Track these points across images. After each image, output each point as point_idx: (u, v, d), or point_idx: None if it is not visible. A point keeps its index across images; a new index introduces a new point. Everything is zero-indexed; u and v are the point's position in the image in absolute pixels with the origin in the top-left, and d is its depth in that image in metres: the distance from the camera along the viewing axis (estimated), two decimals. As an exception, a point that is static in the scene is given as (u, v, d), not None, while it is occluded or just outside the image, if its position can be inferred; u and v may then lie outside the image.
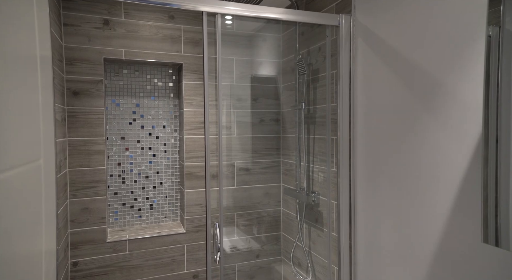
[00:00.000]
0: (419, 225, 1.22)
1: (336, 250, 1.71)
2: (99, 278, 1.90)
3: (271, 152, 2.34)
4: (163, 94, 2.26)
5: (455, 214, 1.08)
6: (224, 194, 2.24)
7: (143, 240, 2.01)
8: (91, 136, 1.89)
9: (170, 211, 2.28)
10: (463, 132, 1.04)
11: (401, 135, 1.30)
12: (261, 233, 2.31)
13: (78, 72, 1.85)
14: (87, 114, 1.88)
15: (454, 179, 1.08)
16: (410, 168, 1.26)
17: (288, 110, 2.25)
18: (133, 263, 1.98)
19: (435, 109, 1.15)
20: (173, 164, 2.28)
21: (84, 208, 1.88)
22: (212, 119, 2.20)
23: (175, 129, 2.29)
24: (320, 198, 1.86)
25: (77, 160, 1.86)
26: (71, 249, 1.85)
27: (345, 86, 1.59)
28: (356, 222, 1.58)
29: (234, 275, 2.24)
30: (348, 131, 1.60)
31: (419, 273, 1.22)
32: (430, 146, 1.17)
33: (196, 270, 2.13)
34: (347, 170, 1.61)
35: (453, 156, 1.08)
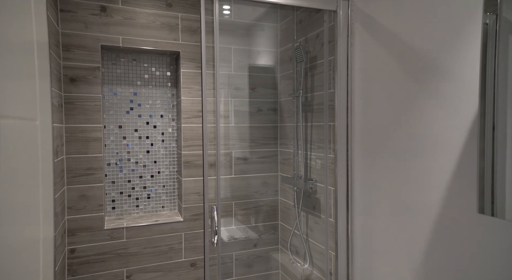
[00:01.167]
0: (416, 207, 1.23)
1: (333, 236, 1.71)
2: (96, 265, 1.90)
3: (269, 141, 2.34)
4: (160, 84, 2.25)
5: (451, 192, 1.08)
6: (222, 183, 2.24)
7: (140, 228, 2.01)
8: (89, 124, 1.89)
9: (168, 201, 2.28)
10: (459, 111, 1.05)
11: (398, 118, 1.31)
12: (258, 222, 2.32)
13: (75, 58, 1.85)
14: (84, 101, 1.87)
15: (450, 157, 1.08)
16: (407, 150, 1.27)
17: (286, 99, 2.25)
18: (131, 251, 1.98)
19: (432, 90, 1.15)
20: (170, 154, 2.28)
21: (81, 195, 1.87)
22: (209, 108, 2.19)
23: (172, 119, 2.29)
24: (317, 185, 1.86)
25: (74, 147, 1.86)
26: (69, 236, 1.85)
27: (342, 72, 1.60)
28: (353, 207, 1.58)
29: (231, 263, 2.25)
30: (346, 117, 1.60)
31: (416, 254, 1.23)
32: (427, 126, 1.17)
33: (193, 258, 2.14)
34: (344, 156, 1.61)
35: (449, 135, 1.09)
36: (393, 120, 1.33)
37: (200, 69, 2.17)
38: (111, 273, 1.94)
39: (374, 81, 1.43)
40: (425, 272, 1.19)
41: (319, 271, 1.86)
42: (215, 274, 2.20)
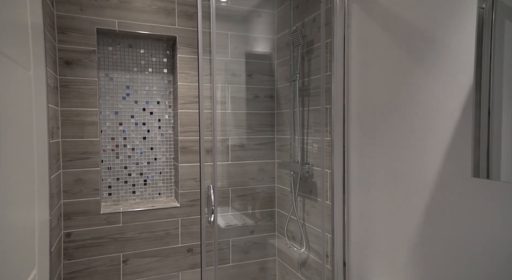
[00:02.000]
0: (412, 185, 1.24)
1: (329, 219, 1.72)
2: (92, 249, 1.90)
3: (266, 128, 2.34)
4: (157, 70, 2.24)
5: (447, 164, 1.09)
6: (218, 169, 2.24)
7: (137, 213, 2.01)
8: (84, 107, 1.88)
9: (164, 187, 2.27)
10: (455, 84, 1.05)
11: (395, 97, 1.31)
12: (255, 209, 2.32)
13: (70, 41, 1.83)
14: (79, 85, 1.86)
15: (446, 131, 1.09)
16: (404, 128, 1.27)
17: (283, 85, 2.25)
18: (127, 236, 1.98)
19: (429, 67, 1.16)
20: (167, 140, 2.27)
21: (77, 179, 1.86)
22: (206, 94, 2.19)
23: (169, 105, 2.28)
24: (314, 169, 1.86)
25: (70, 131, 1.85)
26: (64, 219, 1.84)
27: (339, 53, 1.59)
28: (350, 189, 1.59)
29: (228, 249, 2.25)
30: (342, 99, 1.60)
31: (413, 232, 1.24)
32: (424, 103, 1.18)
33: (190, 244, 2.14)
34: (341, 138, 1.61)
35: (445, 109, 1.09)
36: (390, 99, 1.33)
37: (196, 54, 2.16)
38: (108, 257, 1.93)
39: (371, 61, 1.43)
40: (421, 249, 1.20)
41: (316, 254, 1.86)
42: (212, 260, 2.21)
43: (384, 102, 1.36)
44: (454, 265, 1.07)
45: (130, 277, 1.98)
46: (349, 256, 1.59)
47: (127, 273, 1.98)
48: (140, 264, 2.01)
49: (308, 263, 1.95)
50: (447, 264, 1.09)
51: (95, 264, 1.90)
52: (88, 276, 1.89)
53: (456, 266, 1.06)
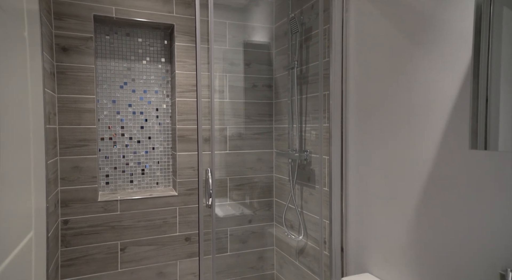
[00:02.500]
0: (409, 166, 1.24)
1: (327, 205, 1.72)
2: (90, 237, 1.89)
3: (264, 118, 2.34)
4: (154, 59, 2.23)
5: (445, 139, 1.09)
6: (216, 159, 2.23)
7: (134, 201, 2.00)
8: (81, 94, 1.87)
9: (162, 177, 2.27)
10: (453, 61, 1.05)
11: (394, 80, 1.31)
12: (253, 198, 2.32)
13: (67, 28, 1.82)
14: (76, 72, 1.85)
15: (444, 109, 1.09)
16: (402, 111, 1.27)
17: (281, 75, 2.24)
18: (125, 224, 1.98)
19: (427, 47, 1.15)
20: (165, 130, 2.27)
21: (74, 167, 1.86)
22: (204, 82, 2.18)
23: (167, 95, 2.27)
24: (312, 157, 1.86)
25: (67, 118, 1.84)
26: (62, 207, 1.83)
27: (337, 39, 1.59)
28: (348, 174, 1.59)
29: (226, 239, 2.25)
30: (340, 84, 1.60)
31: (410, 215, 1.24)
32: (422, 81, 1.18)
33: (188, 232, 2.13)
34: (339, 123, 1.61)
35: (444, 87, 1.09)
36: (389, 82, 1.33)
37: (194, 43, 2.15)
38: (105, 245, 1.93)
39: (369, 45, 1.43)
40: (419, 230, 1.20)
41: (314, 241, 1.86)
42: (210, 249, 2.21)
43: (382, 86, 1.36)
44: (452, 243, 1.07)
45: (128, 265, 1.98)
46: (347, 242, 1.60)
47: (124, 261, 1.97)
48: (137, 252, 2.00)
49: (306, 251, 1.95)
50: (445, 245, 1.09)
51: (92, 252, 1.90)
52: (85, 263, 1.88)
53: (455, 244, 1.06)
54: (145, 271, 2.02)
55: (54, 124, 1.73)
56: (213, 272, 2.25)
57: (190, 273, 2.14)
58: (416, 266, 1.20)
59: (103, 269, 1.92)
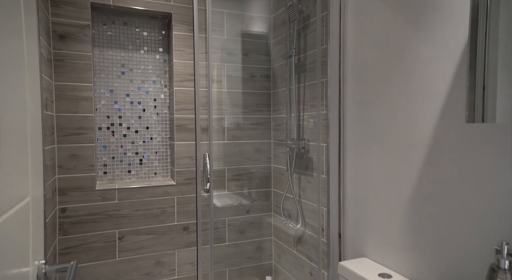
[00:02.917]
0: (406, 148, 1.24)
1: (325, 192, 1.72)
2: (88, 225, 1.89)
3: (262, 108, 2.34)
4: (152, 49, 2.23)
5: (442, 115, 1.09)
6: (214, 149, 2.23)
7: (132, 190, 2.00)
8: (79, 82, 1.86)
9: (160, 167, 2.26)
10: (450, 42, 1.05)
11: (392, 62, 1.31)
12: (251, 188, 2.32)
13: (64, 15, 1.81)
14: (74, 59, 1.84)
15: (441, 90, 1.09)
16: (399, 93, 1.27)
17: (279, 64, 2.24)
18: (123, 212, 1.97)
19: (426, 25, 1.16)
20: (163, 120, 2.26)
21: (72, 155, 1.85)
22: (202, 72, 2.18)
23: (165, 85, 2.27)
24: (310, 145, 1.87)
25: (64, 105, 1.83)
26: (59, 195, 1.83)
27: (335, 25, 1.59)
28: (345, 160, 1.59)
29: (224, 229, 2.25)
30: (338, 70, 1.60)
31: (406, 196, 1.24)
32: (421, 64, 1.18)
33: (186, 222, 2.13)
34: (336, 109, 1.61)
35: (441, 69, 1.09)
36: (387, 65, 1.33)
37: (192, 32, 2.14)
38: (103, 234, 1.93)
39: (367, 30, 1.43)
40: (416, 213, 1.20)
41: (312, 229, 1.87)
42: (208, 238, 2.21)
43: (380, 69, 1.36)
44: (449, 224, 1.07)
45: (126, 254, 1.98)
46: (344, 228, 1.60)
47: (122, 250, 1.97)
48: (136, 241, 2.00)
49: (304, 239, 1.96)
50: (442, 226, 1.10)
51: (90, 240, 1.90)
52: (83, 251, 1.88)
53: (451, 225, 1.06)
54: (143, 260, 2.02)
55: (51, 111, 1.73)
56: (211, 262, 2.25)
57: (188, 263, 2.14)
58: (414, 248, 1.20)
59: (101, 258, 1.92)
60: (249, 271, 2.31)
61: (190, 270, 2.14)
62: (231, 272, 2.27)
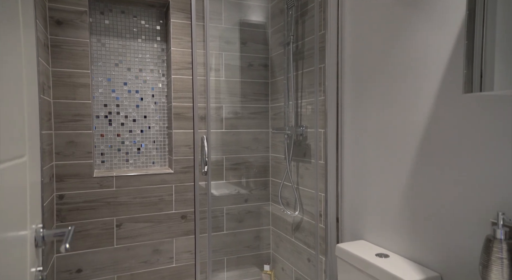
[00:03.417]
0: (404, 131, 1.24)
1: (323, 178, 1.73)
2: (85, 212, 1.89)
3: (260, 97, 2.33)
4: (150, 37, 2.22)
5: (440, 95, 1.10)
6: (212, 137, 2.23)
7: (130, 178, 2.00)
8: (76, 69, 1.85)
9: (158, 156, 2.26)
10: (449, 16, 1.06)
11: (389, 45, 1.31)
12: (249, 177, 2.32)
13: (61, 0, 1.80)
14: (71, 46, 1.84)
15: (438, 67, 1.09)
16: (397, 75, 1.27)
17: (277, 53, 2.24)
18: (121, 200, 1.97)
19: (425, 8, 1.16)
20: (161, 109, 2.26)
21: (69, 141, 1.85)
22: (200, 60, 2.17)
23: (162, 74, 2.26)
24: (308, 132, 1.87)
25: (62, 92, 1.82)
26: (57, 181, 1.82)
27: (333, 10, 1.59)
28: (343, 144, 1.59)
29: (222, 217, 2.26)
30: (336, 55, 1.60)
31: (403, 179, 1.25)
32: (418, 45, 1.18)
33: (184, 210, 2.13)
34: (334, 95, 1.61)
35: (438, 50, 1.09)
36: (384, 49, 1.33)
37: (190, 20, 2.14)
38: (101, 221, 1.92)
39: (364, 15, 1.43)
40: (413, 194, 1.21)
41: (310, 215, 1.87)
42: (206, 227, 2.21)
43: (378, 53, 1.36)
44: (446, 201, 1.08)
45: (124, 242, 1.98)
46: (342, 213, 1.61)
47: (120, 237, 1.97)
48: (134, 229, 2.00)
49: (302, 226, 1.96)
50: (439, 203, 1.10)
51: (88, 227, 1.89)
52: (81, 238, 1.88)
53: (448, 202, 1.07)
54: (141, 247, 2.02)
55: (48, 97, 1.72)
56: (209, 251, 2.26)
57: (186, 251, 2.14)
58: (410, 229, 1.21)
59: (99, 245, 1.92)
60: (247, 260, 2.32)
61: (188, 259, 2.15)
62: (229, 260, 2.27)
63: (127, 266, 1.99)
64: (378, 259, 1.19)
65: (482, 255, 0.82)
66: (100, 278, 1.93)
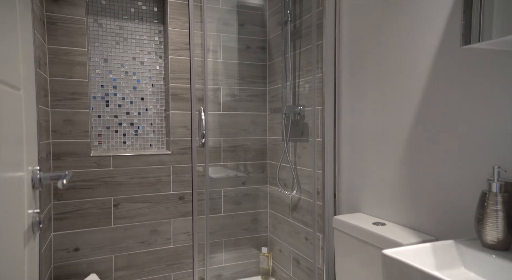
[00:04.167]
0: (401, 101, 1.24)
1: (321, 155, 1.73)
2: (83, 191, 1.88)
3: (258, 79, 2.33)
4: (147, 19, 2.21)
5: (439, 54, 1.10)
6: (210, 119, 2.23)
7: (127, 158, 1.99)
8: (73, 47, 1.84)
9: (156, 139, 2.26)
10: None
11: (388, 16, 1.31)
12: (247, 160, 2.32)
13: (57, -23, 1.79)
14: (67, 23, 1.82)
15: (439, 25, 1.09)
16: (394, 46, 1.27)
17: (275, 35, 2.23)
18: (118, 180, 1.97)
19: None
20: (158, 91, 2.25)
21: (66, 120, 1.84)
22: (197, 41, 2.17)
23: (160, 56, 2.25)
24: (305, 110, 1.87)
25: (58, 70, 1.81)
26: (54, 160, 1.82)
27: (331, -15, 1.59)
28: (341, 121, 1.60)
29: (220, 200, 2.26)
30: (334, 32, 1.60)
31: (400, 148, 1.25)
32: (415, 12, 1.18)
33: (182, 192, 2.13)
34: (332, 71, 1.61)
35: (435, 19, 1.10)
36: (382, 22, 1.33)
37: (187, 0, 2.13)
38: (99, 200, 1.92)
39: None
40: (409, 163, 1.21)
41: (307, 194, 1.88)
42: (203, 209, 2.21)
43: (375, 24, 1.36)
44: (442, 166, 1.08)
45: (121, 221, 1.98)
46: (339, 188, 1.61)
47: (118, 217, 1.97)
48: (131, 209, 2.00)
49: (299, 206, 1.97)
50: (434, 169, 1.11)
51: (86, 206, 1.89)
52: (79, 217, 1.88)
53: (445, 162, 1.07)
54: (138, 228, 2.02)
55: (44, 73, 1.71)
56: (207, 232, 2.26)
57: (183, 232, 2.15)
58: (407, 198, 1.22)
59: (96, 224, 1.92)
60: (244, 242, 2.32)
61: (185, 240, 2.15)
62: (226, 242, 2.27)
63: (125, 246, 1.99)
64: (375, 226, 1.20)
65: (477, 209, 0.83)
66: (97, 257, 1.93)
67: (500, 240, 0.77)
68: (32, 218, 0.61)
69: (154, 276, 2.06)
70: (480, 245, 0.83)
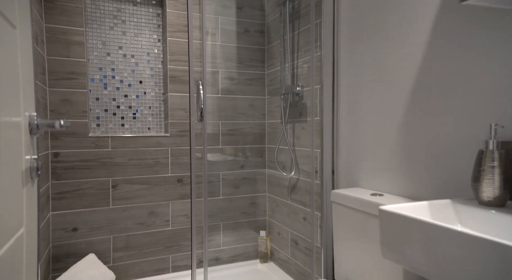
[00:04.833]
0: (399, 72, 1.24)
1: (319, 134, 1.73)
2: (81, 171, 1.88)
3: (256, 63, 2.33)
4: (145, 1, 2.20)
5: (436, 22, 1.10)
6: (208, 101, 2.22)
7: (125, 139, 1.99)
8: (70, 26, 1.83)
9: (154, 122, 2.25)
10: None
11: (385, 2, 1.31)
12: (246, 144, 2.32)
13: (55, -44, 1.78)
14: (65, 2, 1.82)
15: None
16: (392, 13, 1.27)
17: (274, 18, 2.23)
18: (116, 161, 1.97)
19: None
20: (157, 74, 2.25)
21: (64, 99, 1.83)
22: (195, 23, 2.16)
23: (158, 39, 2.25)
24: (304, 91, 1.87)
25: (56, 49, 1.81)
26: (52, 139, 1.81)
27: (330, -38, 1.58)
28: (339, 99, 1.60)
29: (218, 183, 2.26)
30: (332, 9, 1.60)
31: (397, 123, 1.25)
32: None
33: (180, 174, 2.14)
34: (330, 49, 1.61)
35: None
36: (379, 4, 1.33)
37: (186, -18, 2.12)
38: (97, 181, 1.92)
39: (361, -39, 1.42)
40: (406, 135, 1.22)
41: (305, 174, 1.88)
42: (202, 191, 2.21)
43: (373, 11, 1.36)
44: (439, 128, 1.09)
45: (120, 202, 1.98)
46: (337, 165, 1.61)
47: (116, 198, 1.97)
48: (129, 190, 2.00)
49: (298, 186, 1.97)
50: (431, 137, 1.11)
51: (84, 187, 1.89)
52: (77, 197, 1.88)
53: (442, 127, 1.08)
54: (136, 209, 2.02)
55: (42, 51, 1.70)
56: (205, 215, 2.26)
57: (182, 215, 2.15)
58: (404, 168, 1.22)
59: (94, 205, 1.92)
60: (243, 225, 2.33)
61: (184, 222, 2.15)
62: (225, 225, 2.28)
63: (123, 227, 1.99)
64: (373, 197, 1.20)
65: (474, 167, 0.83)
66: (96, 237, 1.93)
67: (496, 196, 0.78)
68: (30, 163, 0.60)
69: (153, 257, 2.06)
70: (476, 204, 0.83)
